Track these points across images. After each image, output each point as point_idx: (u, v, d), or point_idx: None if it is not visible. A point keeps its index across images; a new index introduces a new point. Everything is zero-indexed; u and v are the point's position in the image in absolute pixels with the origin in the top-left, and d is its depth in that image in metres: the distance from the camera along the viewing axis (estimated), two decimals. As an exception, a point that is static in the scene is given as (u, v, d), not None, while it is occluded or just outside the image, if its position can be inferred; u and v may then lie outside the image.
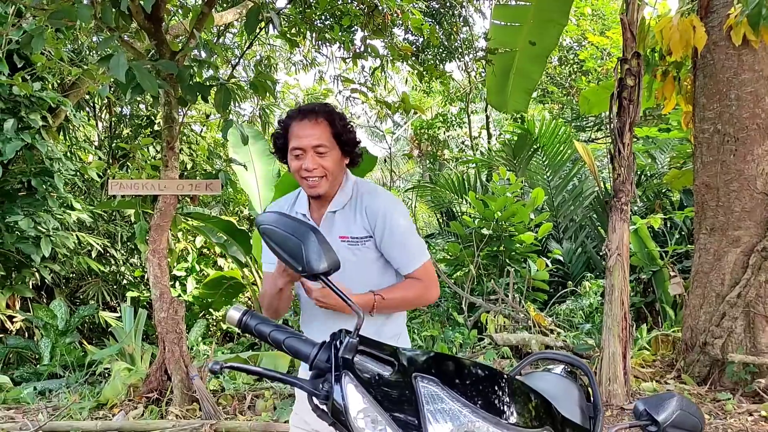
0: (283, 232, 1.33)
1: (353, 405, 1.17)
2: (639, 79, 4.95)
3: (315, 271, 1.30)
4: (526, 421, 1.25)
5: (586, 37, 12.18)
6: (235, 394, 5.12)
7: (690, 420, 1.36)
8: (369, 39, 5.98)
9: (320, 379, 1.27)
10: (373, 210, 2.02)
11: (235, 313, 1.38)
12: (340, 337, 1.27)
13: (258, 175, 8.09)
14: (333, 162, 1.98)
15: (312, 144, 1.94)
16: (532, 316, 6.44)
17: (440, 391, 1.21)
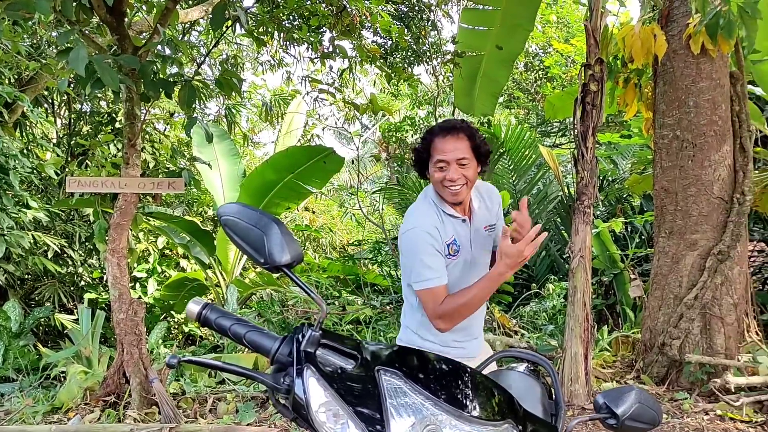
0: (245, 223, 1.30)
1: (315, 399, 1.15)
2: (602, 85, 5.03)
3: (277, 263, 1.27)
4: (488, 414, 1.25)
5: (551, 44, 12.35)
6: (196, 396, 5.04)
7: (648, 413, 1.37)
8: (337, 40, 5.96)
9: (281, 374, 1.25)
10: (496, 198, 2.47)
11: (195, 307, 1.35)
12: (302, 331, 1.25)
13: (223, 175, 8.02)
14: (472, 172, 2.24)
15: (456, 157, 2.19)
16: (496, 317, 6.49)
17: (403, 385, 1.20)
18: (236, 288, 7.27)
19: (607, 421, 1.37)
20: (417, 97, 14.15)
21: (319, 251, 12.72)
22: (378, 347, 1.31)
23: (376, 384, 1.19)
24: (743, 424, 4.30)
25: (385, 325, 6.84)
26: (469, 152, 2.22)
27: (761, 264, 8.21)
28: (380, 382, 1.19)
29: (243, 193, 7.56)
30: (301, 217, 12.72)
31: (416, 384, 1.21)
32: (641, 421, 1.36)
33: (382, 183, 16.79)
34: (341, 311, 6.91)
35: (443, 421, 1.18)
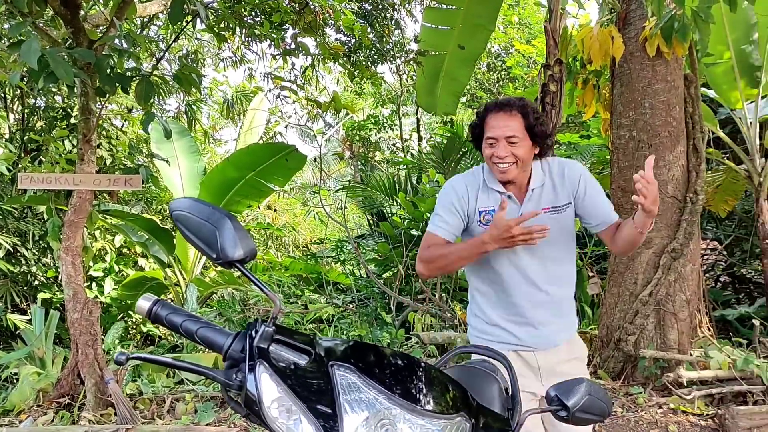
0: (197, 218, 1.28)
1: (267, 394, 1.14)
2: (561, 85, 5.11)
3: (230, 259, 1.26)
4: (442, 408, 1.25)
5: (513, 45, 12.48)
6: (153, 397, 4.95)
7: (598, 405, 1.40)
8: (300, 37, 5.92)
9: (234, 370, 1.23)
10: (573, 176, 2.25)
11: (145, 303, 1.32)
12: (256, 327, 1.24)
13: (183, 173, 7.90)
14: (524, 151, 2.15)
15: (505, 134, 2.13)
16: (458, 315, 6.53)
17: (357, 380, 1.19)
18: (196, 287, 7.18)
19: (558, 413, 1.39)
20: (381, 95, 14.16)
21: (282, 250, 12.64)
22: (332, 342, 1.30)
23: (329, 379, 1.19)
24: (695, 416, 4.42)
25: (347, 323, 6.83)
26: (521, 131, 2.14)
27: (714, 262, 8.44)
28: (334, 377, 1.19)
29: (203, 191, 7.46)
30: (264, 216, 12.62)
31: (370, 379, 1.20)
32: (591, 413, 1.39)
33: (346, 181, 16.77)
34: (303, 310, 6.87)
35: (397, 416, 1.18)
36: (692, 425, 4.30)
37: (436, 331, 6.35)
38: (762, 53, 6.36)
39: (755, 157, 6.40)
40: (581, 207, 2.26)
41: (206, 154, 11.71)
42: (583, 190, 2.24)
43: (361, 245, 10.04)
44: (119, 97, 8.37)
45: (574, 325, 2.40)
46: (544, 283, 2.27)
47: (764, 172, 6.29)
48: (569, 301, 2.38)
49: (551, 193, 2.26)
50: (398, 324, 6.80)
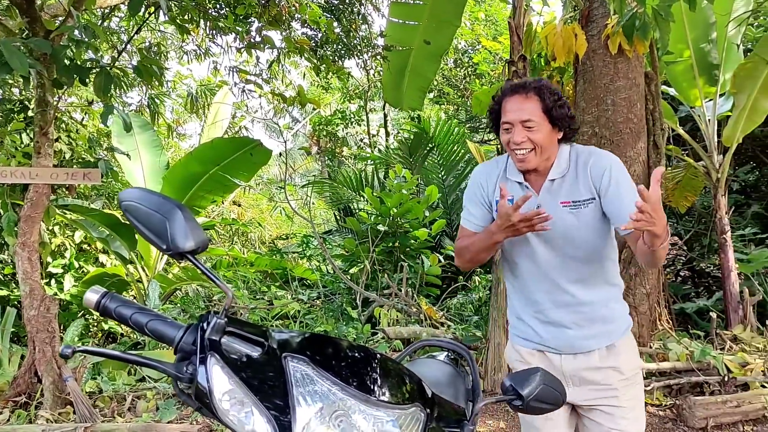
0: (146, 209, 1.25)
1: (218, 387, 1.13)
2: (525, 81, 5.15)
3: (180, 250, 1.23)
4: (397, 398, 1.25)
5: (480, 41, 12.55)
6: (114, 395, 4.86)
7: (552, 394, 1.41)
8: (265, 30, 5.86)
9: (185, 362, 1.21)
10: (598, 168, 2.03)
11: (93, 295, 1.29)
12: (208, 318, 1.22)
13: (145, 167, 7.77)
14: (542, 136, 2.00)
15: (521, 118, 1.98)
16: (424, 309, 6.55)
17: (310, 371, 1.19)
18: (159, 283, 7.07)
19: (513, 403, 1.40)
20: (348, 90, 14.12)
21: (248, 246, 12.53)
22: (286, 334, 1.29)
23: (283, 371, 1.18)
24: (653, 407, 4.51)
25: (312, 319, 6.80)
26: (539, 114, 1.98)
27: (674, 256, 8.61)
28: (287, 369, 1.18)
29: (166, 186, 7.35)
30: (229, 211, 12.49)
31: (325, 370, 1.20)
32: (546, 402, 1.40)
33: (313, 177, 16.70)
34: (269, 306, 6.82)
35: (351, 407, 1.17)
36: (651, 415, 4.38)
37: (402, 326, 6.36)
38: (720, 52, 6.51)
39: (713, 153, 6.55)
40: (604, 205, 2.03)
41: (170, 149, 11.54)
42: (607, 185, 2.01)
43: (328, 241, 10.02)
44: (79, 89, 8.19)
45: (615, 332, 2.14)
46: (567, 283, 2.10)
47: (722, 169, 6.44)
48: (605, 306, 2.12)
49: (572, 186, 2.06)
50: (364, 319, 6.80)
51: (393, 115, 15.37)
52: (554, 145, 2.06)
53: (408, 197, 7.75)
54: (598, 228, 2.08)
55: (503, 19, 12.67)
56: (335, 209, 11.60)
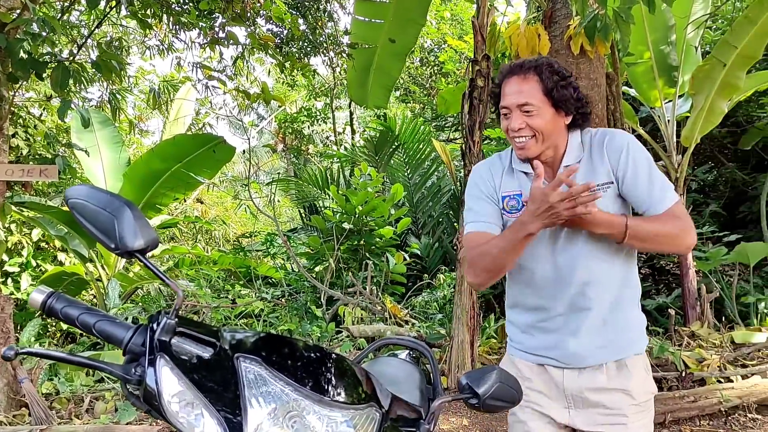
0: (94, 206, 1.22)
1: (167, 389, 1.10)
2: (488, 81, 5.19)
3: (129, 248, 1.20)
4: (351, 398, 1.24)
5: (445, 40, 12.61)
6: (71, 396, 4.76)
7: (508, 392, 1.42)
8: (229, 26, 5.78)
9: (134, 364, 1.18)
10: (615, 147, 1.81)
11: (38, 296, 1.24)
12: (157, 319, 1.19)
13: (105, 164, 7.62)
14: (544, 121, 1.77)
15: (517, 102, 1.77)
16: (388, 307, 6.56)
17: (263, 371, 1.17)
18: (119, 282, 6.94)
19: (469, 401, 1.41)
20: (314, 88, 14.06)
21: (212, 244, 12.39)
22: (240, 334, 1.27)
23: (235, 372, 1.16)
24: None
25: (276, 317, 6.75)
26: (538, 96, 1.76)
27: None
28: (239, 369, 1.16)
29: (127, 183, 7.21)
30: (192, 209, 12.33)
31: (278, 371, 1.18)
32: (502, 400, 1.41)
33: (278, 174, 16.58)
34: (232, 304, 6.75)
35: (305, 407, 1.16)
36: (610, 411, 4.45)
37: (366, 324, 6.36)
38: (679, 54, 6.65)
39: (673, 153, 6.69)
40: (623, 189, 1.81)
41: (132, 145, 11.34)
42: (625, 167, 1.79)
43: (293, 239, 9.96)
44: (38, 84, 7.99)
45: (628, 346, 1.86)
46: (578, 283, 1.83)
47: (681, 169, 6.58)
48: (619, 310, 1.85)
49: (589, 171, 1.83)
50: (329, 318, 6.78)
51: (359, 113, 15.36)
52: (560, 131, 1.83)
53: (373, 195, 7.75)
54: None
55: (469, 18, 12.74)
56: (300, 207, 11.55)
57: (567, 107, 1.79)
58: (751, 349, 5.27)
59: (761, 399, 4.35)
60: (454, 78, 12.61)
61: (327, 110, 14.30)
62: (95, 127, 7.67)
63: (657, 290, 8.05)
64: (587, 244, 1.82)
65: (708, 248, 7.04)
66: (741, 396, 4.33)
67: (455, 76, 12.62)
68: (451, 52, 12.24)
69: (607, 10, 4.71)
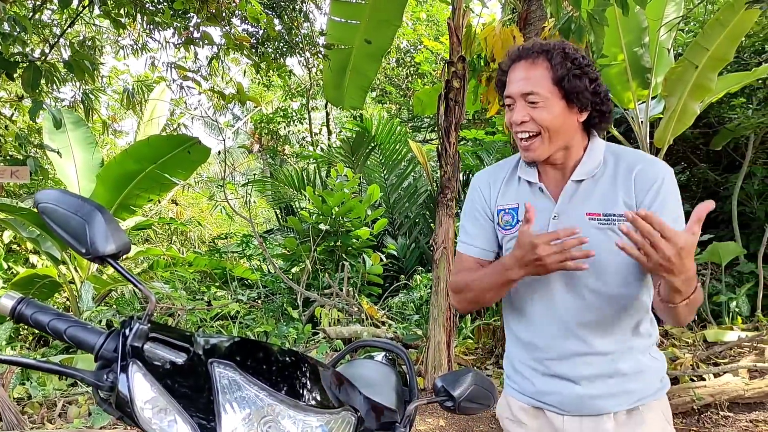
0: (64, 211, 1.20)
1: (140, 395, 1.09)
2: (464, 82, 5.21)
3: (101, 254, 1.18)
4: (327, 403, 1.24)
5: (421, 41, 12.65)
6: (44, 401, 4.69)
7: (482, 393, 1.43)
8: (203, 26, 5.74)
9: (105, 370, 1.17)
10: (648, 177, 1.51)
11: (7, 302, 1.22)
12: (130, 324, 1.18)
13: (78, 165, 7.51)
14: (551, 115, 1.50)
15: (522, 90, 1.52)
16: (365, 309, 6.56)
17: (237, 377, 1.16)
18: (92, 285, 6.84)
19: (444, 404, 1.42)
20: (290, 88, 14.00)
21: (188, 245, 12.27)
22: (213, 339, 1.26)
23: (209, 377, 1.15)
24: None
25: (252, 319, 6.71)
26: (547, 85, 1.50)
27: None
28: (213, 375, 1.15)
29: (100, 184, 7.12)
30: (167, 210, 12.20)
31: (253, 376, 1.18)
32: (477, 402, 1.42)
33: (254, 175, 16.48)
34: (208, 306, 6.70)
35: (280, 412, 1.16)
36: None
37: (343, 325, 6.35)
38: (652, 56, 6.75)
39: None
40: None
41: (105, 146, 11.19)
42: (651, 201, 1.50)
43: (269, 240, 9.91)
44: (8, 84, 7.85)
45: (640, 392, 1.61)
46: (581, 327, 1.59)
47: (653, 169, 6.67)
48: (628, 358, 1.60)
49: (607, 193, 1.54)
50: (305, 319, 6.75)
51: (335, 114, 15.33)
52: (573, 130, 1.56)
53: (350, 196, 7.75)
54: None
55: (445, 19, 12.80)
56: (276, 208, 11.49)
57: (581, 101, 1.52)
58: (723, 347, 5.37)
59: (733, 397, 4.43)
60: (430, 79, 12.65)
61: (303, 111, 14.25)
62: (68, 127, 7.56)
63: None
64: (592, 286, 1.57)
65: (680, 248, 7.14)
66: (713, 394, 4.41)
67: (431, 77, 12.66)
68: (427, 53, 12.28)
69: (582, 12, 4.77)
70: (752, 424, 4.19)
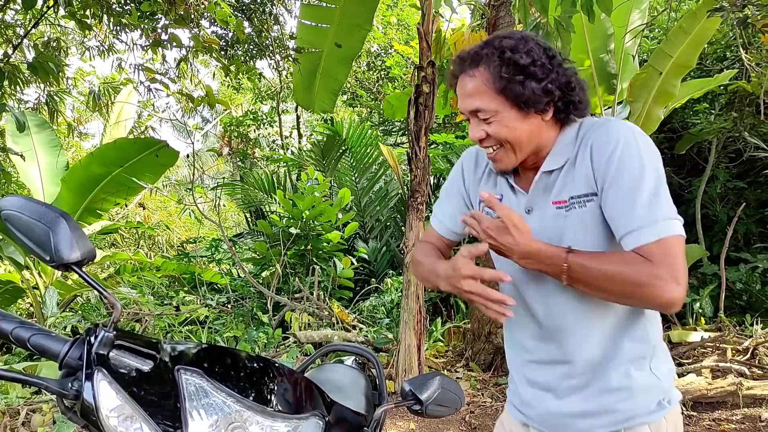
0: (28, 218, 1.18)
1: (105, 403, 1.08)
2: (434, 87, 5.24)
3: (65, 261, 1.17)
4: (295, 408, 1.25)
5: (392, 45, 12.69)
6: (6, 409, 4.58)
7: (450, 396, 1.44)
8: (172, 28, 5.68)
9: (70, 378, 1.16)
10: (602, 144, 1.35)
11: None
12: (95, 332, 1.17)
13: (42, 168, 7.37)
14: (507, 128, 1.37)
15: (469, 109, 1.39)
16: (335, 313, 6.55)
17: (205, 383, 1.16)
18: (57, 290, 6.70)
19: (412, 408, 1.42)
20: (260, 91, 13.92)
21: (156, 249, 12.12)
22: (180, 346, 1.25)
23: (176, 384, 1.15)
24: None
25: (222, 324, 6.66)
26: (491, 99, 1.36)
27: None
28: (180, 382, 1.15)
29: (65, 187, 6.99)
30: (135, 214, 12.03)
31: (220, 383, 1.18)
32: (444, 405, 1.43)
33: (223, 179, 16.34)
34: (176, 312, 6.62)
35: (248, 419, 1.16)
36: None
37: (314, 330, 6.33)
38: (617, 62, 6.87)
39: (611, 158, 6.89)
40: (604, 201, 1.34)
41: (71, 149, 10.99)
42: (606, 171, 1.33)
43: (238, 244, 9.83)
44: (-32, 85, 7.67)
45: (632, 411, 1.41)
46: (554, 328, 1.46)
47: (619, 173, 6.79)
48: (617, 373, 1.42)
49: (572, 175, 1.41)
50: (275, 324, 6.71)
51: (306, 117, 15.29)
52: (539, 132, 1.41)
53: (320, 200, 7.73)
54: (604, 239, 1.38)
55: (414, 24, 12.86)
56: (246, 212, 11.41)
57: (534, 105, 1.36)
58: (687, 347, 5.49)
59: (697, 396, 4.53)
60: (400, 83, 12.70)
61: (273, 114, 14.18)
62: (32, 130, 7.42)
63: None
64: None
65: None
66: (677, 393, 4.49)
67: (402, 81, 12.71)
68: (397, 57, 12.32)
69: (549, 18, 4.85)
70: (715, 423, 4.28)
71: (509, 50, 1.35)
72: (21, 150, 5.90)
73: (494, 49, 1.36)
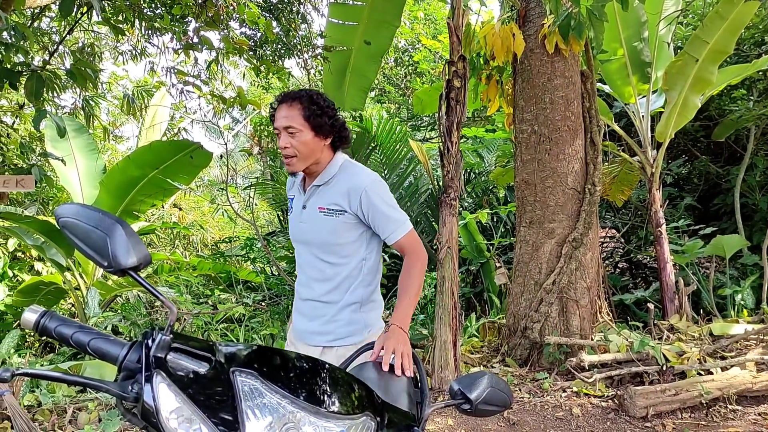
0: (86, 225, 1.22)
1: (165, 405, 1.11)
2: (465, 81, 5.22)
3: (122, 267, 1.20)
4: (346, 408, 1.26)
5: (419, 40, 12.65)
6: (54, 407, 4.70)
7: (499, 396, 1.44)
8: (202, 30, 5.75)
9: (129, 381, 1.19)
10: (354, 190, 2.21)
11: (31, 315, 1.24)
12: (152, 335, 1.20)
13: (80, 172, 7.52)
14: (303, 142, 2.18)
15: (282, 125, 2.17)
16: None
17: (259, 385, 1.18)
18: (98, 291, 6.85)
19: (461, 407, 1.43)
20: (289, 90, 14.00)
21: (190, 249, 12.29)
22: (233, 348, 1.28)
23: (231, 386, 1.17)
24: (596, 398, 4.65)
25: (258, 322, 6.72)
26: (300, 121, 2.17)
27: (612, 249, 8.89)
28: (235, 383, 1.17)
29: (103, 191, 7.13)
30: (170, 214, 12.22)
31: (273, 383, 1.20)
32: (493, 404, 1.43)
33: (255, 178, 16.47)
34: (213, 310, 6.71)
35: (301, 419, 1.18)
36: (594, 407, 4.52)
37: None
38: (652, 50, 6.76)
39: (647, 148, 6.79)
40: (368, 220, 2.25)
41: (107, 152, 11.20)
42: (367, 206, 2.22)
43: (272, 242, 9.91)
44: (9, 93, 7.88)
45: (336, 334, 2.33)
46: (311, 280, 2.34)
47: (656, 163, 6.68)
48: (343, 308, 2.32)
49: (328, 194, 2.27)
50: (311, 321, 6.75)
51: (336, 114, 15.32)
52: (320, 150, 2.24)
53: (352, 197, 7.75)
54: (346, 237, 2.27)
55: (442, 18, 12.80)
56: (278, 210, 11.49)
57: (324, 131, 2.21)
58: (730, 340, 5.37)
59: (741, 390, 4.44)
60: (429, 77, 12.65)
61: (303, 112, 14.23)
62: (70, 135, 7.57)
63: (635, 284, 8.17)
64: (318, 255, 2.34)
65: (684, 241, 7.16)
66: (721, 388, 4.41)
67: (430, 76, 12.67)
68: (425, 51, 12.28)
69: (581, 8, 4.79)
70: (761, 417, 4.20)
71: (315, 96, 2.21)
72: (61, 155, 6.02)
73: (306, 95, 2.20)
